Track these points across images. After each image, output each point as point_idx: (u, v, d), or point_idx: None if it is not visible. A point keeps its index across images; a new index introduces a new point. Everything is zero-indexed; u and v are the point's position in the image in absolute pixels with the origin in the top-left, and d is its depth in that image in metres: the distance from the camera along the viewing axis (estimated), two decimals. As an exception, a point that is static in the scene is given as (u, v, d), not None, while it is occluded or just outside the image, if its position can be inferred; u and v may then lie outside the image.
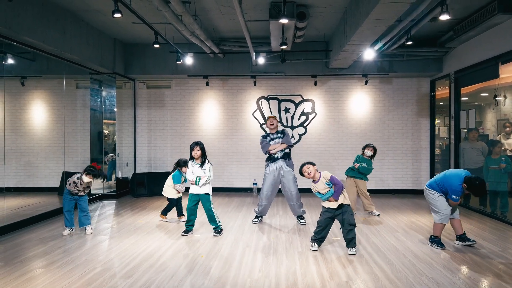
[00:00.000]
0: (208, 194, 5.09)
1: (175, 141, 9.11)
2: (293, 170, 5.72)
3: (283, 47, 6.30)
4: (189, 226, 5.18)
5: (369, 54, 7.17)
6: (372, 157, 6.45)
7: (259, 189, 8.96)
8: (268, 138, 5.79)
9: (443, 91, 8.61)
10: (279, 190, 5.94)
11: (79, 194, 5.19)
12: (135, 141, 9.16)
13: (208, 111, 9.06)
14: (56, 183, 8.62)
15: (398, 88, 8.81)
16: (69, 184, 5.14)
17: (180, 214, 6.02)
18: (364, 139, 8.78)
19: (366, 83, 8.55)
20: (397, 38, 6.84)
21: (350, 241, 4.31)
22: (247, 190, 9.01)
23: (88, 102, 8.23)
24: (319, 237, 4.44)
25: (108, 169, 8.39)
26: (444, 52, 7.81)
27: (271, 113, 8.93)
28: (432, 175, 8.73)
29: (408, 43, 6.06)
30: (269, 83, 8.98)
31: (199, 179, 5.01)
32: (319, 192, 4.38)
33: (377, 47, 7.12)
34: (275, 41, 6.87)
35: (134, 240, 4.88)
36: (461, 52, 7.32)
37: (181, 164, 5.96)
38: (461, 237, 4.67)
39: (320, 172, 4.40)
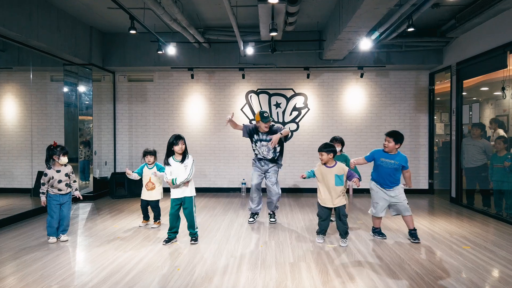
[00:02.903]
0: (191, 196, 4.51)
1: (158, 138, 8.51)
2: (278, 169, 5.57)
3: (273, 33, 5.74)
4: (172, 234, 4.57)
5: (365, 44, 6.65)
6: (341, 150, 5.74)
7: (248, 189, 8.43)
8: (256, 137, 5.40)
9: (440, 86, 8.15)
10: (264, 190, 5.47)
11: (62, 191, 4.57)
12: (115, 138, 8.54)
13: (194, 106, 8.47)
14: (29, 184, 8.00)
15: (395, 82, 8.32)
16: (44, 184, 4.52)
17: (157, 219, 5.43)
18: (359, 135, 8.29)
19: (361, 76, 8.03)
20: (396, 26, 6.33)
21: (345, 232, 4.45)
22: (236, 191, 8.45)
23: (62, 96, 7.59)
24: (322, 229, 4.58)
25: (79, 168, 7.72)
26: (445, 42, 7.32)
27: (261, 108, 8.38)
28: (431, 173, 8.27)
29: (409, 29, 5.54)
30: (258, 76, 8.41)
31: (175, 179, 4.40)
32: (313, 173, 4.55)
33: (374, 36, 6.60)
34: (265, 28, 6.31)
35: (104, 250, 4.29)
36: (464, 41, 6.84)
37: (144, 154, 5.45)
38: (410, 233, 4.66)
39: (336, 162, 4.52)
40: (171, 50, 7.15)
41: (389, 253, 4.14)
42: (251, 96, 8.44)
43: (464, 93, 7.13)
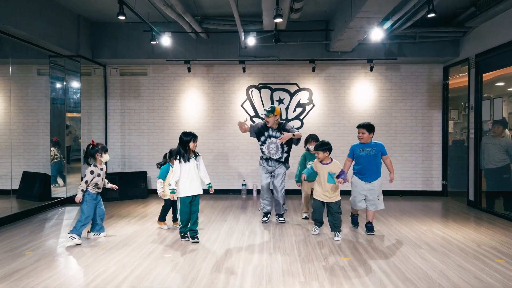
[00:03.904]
0: (200, 193, 4.57)
1: (153, 136, 7.94)
2: (285, 170, 5.44)
3: (278, 20, 5.17)
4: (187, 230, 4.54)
5: (377, 34, 6.12)
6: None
7: (249, 191, 7.88)
8: (266, 133, 5.27)
9: (452, 81, 7.60)
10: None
11: (100, 189, 4.68)
12: (106, 136, 7.96)
13: (191, 102, 7.90)
14: (14, 185, 7.44)
15: (406, 76, 7.76)
16: (87, 182, 4.49)
17: (176, 219, 5.09)
18: (368, 133, 7.73)
19: (371, 70, 7.46)
20: (412, 14, 5.79)
21: (336, 226, 4.59)
22: (236, 192, 7.89)
23: (48, 91, 7.02)
24: (315, 219, 4.78)
25: (52, 170, 7.06)
26: (462, 32, 6.76)
27: (263, 106, 7.82)
28: (444, 174, 7.72)
29: (429, 15, 4.97)
30: (260, 70, 7.85)
31: (174, 190, 4.40)
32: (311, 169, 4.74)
33: (386, 25, 6.06)
34: (268, 16, 5.74)
35: (86, 263, 3.73)
36: (485, 31, 6.28)
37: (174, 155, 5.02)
38: (367, 225, 4.88)
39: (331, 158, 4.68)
40: (165, 40, 6.58)
41: (414, 269, 3.59)
42: (252, 91, 7.88)
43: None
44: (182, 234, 4.51)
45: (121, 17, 5.02)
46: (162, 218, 5.13)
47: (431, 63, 7.66)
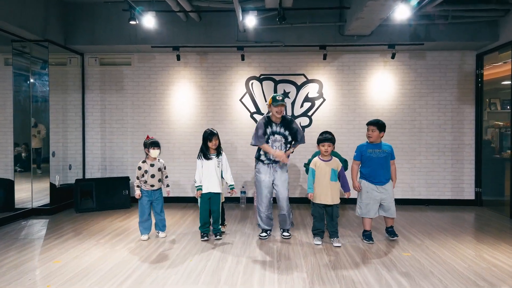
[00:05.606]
0: (220, 192, 4.52)
1: (138, 135, 6.86)
2: (287, 172, 4.61)
3: (283, -13, 4.08)
4: (208, 228, 4.54)
5: (402, 12, 5.04)
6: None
7: (248, 199, 6.80)
8: (269, 129, 4.47)
9: (487, 71, 6.48)
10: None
11: (154, 187, 4.49)
12: (84, 135, 6.90)
13: (181, 96, 6.83)
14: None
15: (433, 65, 6.64)
16: (138, 178, 4.46)
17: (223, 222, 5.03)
18: (388, 133, 6.53)
19: (393, 57, 6.35)
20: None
21: (336, 232, 4.25)
22: (233, 201, 6.80)
23: (11, 83, 5.98)
24: (319, 229, 4.31)
25: None
26: (504, 11, 5.65)
27: (265, 100, 6.74)
28: (477, 179, 6.59)
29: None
30: (261, 58, 6.76)
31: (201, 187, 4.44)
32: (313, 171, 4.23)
33: (413, 2, 4.97)
34: (271, -13, 4.66)
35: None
36: (535, 7, 5.18)
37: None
38: (387, 230, 4.51)
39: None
40: (149, 21, 5.51)
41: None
42: (252, 83, 6.79)
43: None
44: (202, 234, 4.50)
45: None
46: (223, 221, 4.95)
47: (463, 49, 6.54)
